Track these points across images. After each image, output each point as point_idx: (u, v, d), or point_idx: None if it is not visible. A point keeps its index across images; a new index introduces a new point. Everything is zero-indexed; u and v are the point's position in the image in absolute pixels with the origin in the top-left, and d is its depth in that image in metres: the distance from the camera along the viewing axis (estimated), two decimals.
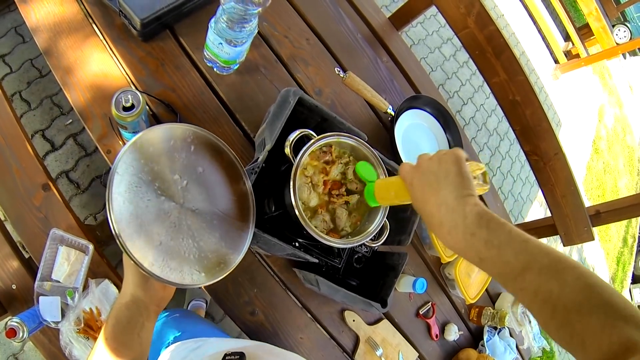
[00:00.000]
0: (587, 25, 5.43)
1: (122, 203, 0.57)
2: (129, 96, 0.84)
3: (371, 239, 0.86)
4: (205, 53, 1.00)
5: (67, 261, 1.08)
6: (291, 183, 0.74)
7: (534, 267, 0.47)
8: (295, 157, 0.77)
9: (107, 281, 1.12)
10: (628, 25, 6.43)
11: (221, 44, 0.91)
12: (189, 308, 1.89)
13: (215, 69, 1.03)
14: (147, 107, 0.97)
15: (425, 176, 0.58)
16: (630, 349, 0.41)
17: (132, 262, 0.56)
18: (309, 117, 0.90)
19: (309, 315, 1.07)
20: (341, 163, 0.84)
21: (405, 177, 0.62)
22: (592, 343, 0.43)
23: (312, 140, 0.79)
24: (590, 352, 0.44)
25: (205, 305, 1.92)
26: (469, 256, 0.52)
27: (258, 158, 0.81)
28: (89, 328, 1.06)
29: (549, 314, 0.46)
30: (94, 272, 1.12)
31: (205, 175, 0.69)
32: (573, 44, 5.42)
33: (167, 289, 0.65)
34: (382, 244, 0.94)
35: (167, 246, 0.60)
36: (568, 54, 5.52)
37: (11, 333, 0.98)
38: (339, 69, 1.09)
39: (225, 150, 0.72)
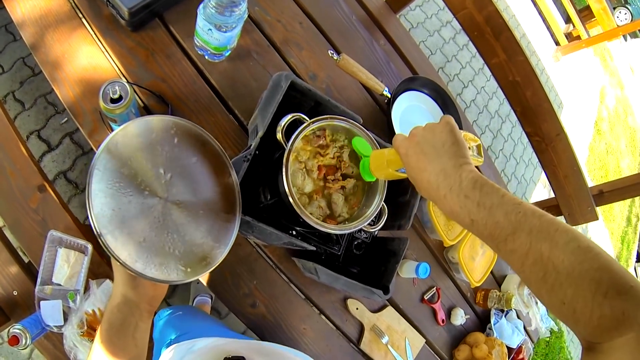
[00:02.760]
0: (587, 7, 5.39)
1: (103, 199, 0.55)
2: (117, 87, 0.82)
3: (369, 224, 0.84)
4: (195, 40, 0.98)
5: (66, 263, 1.06)
6: (283, 169, 0.72)
7: (524, 227, 0.46)
8: (288, 142, 0.75)
9: (108, 281, 1.09)
10: (629, 7, 6.43)
11: (210, 30, 0.89)
12: (194, 304, 1.88)
13: (206, 57, 1.01)
14: (138, 99, 0.95)
15: (420, 146, 0.58)
16: (623, 324, 0.38)
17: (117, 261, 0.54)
18: (302, 101, 0.87)
19: (311, 305, 1.06)
20: (336, 147, 0.82)
21: (399, 146, 0.62)
22: (583, 312, 0.41)
23: (304, 124, 0.76)
24: (581, 323, 0.42)
25: (210, 300, 1.91)
26: (461, 218, 0.52)
27: (250, 145, 0.79)
28: (93, 330, 1.04)
29: (541, 276, 0.44)
30: (94, 273, 1.10)
31: (190, 167, 0.66)
32: (574, 26, 5.38)
33: (157, 287, 0.63)
34: (381, 229, 0.92)
35: (152, 242, 0.58)
36: (569, 36, 5.48)
37: (14, 340, 0.96)
38: (332, 52, 1.07)
39: (210, 141, 0.69)
